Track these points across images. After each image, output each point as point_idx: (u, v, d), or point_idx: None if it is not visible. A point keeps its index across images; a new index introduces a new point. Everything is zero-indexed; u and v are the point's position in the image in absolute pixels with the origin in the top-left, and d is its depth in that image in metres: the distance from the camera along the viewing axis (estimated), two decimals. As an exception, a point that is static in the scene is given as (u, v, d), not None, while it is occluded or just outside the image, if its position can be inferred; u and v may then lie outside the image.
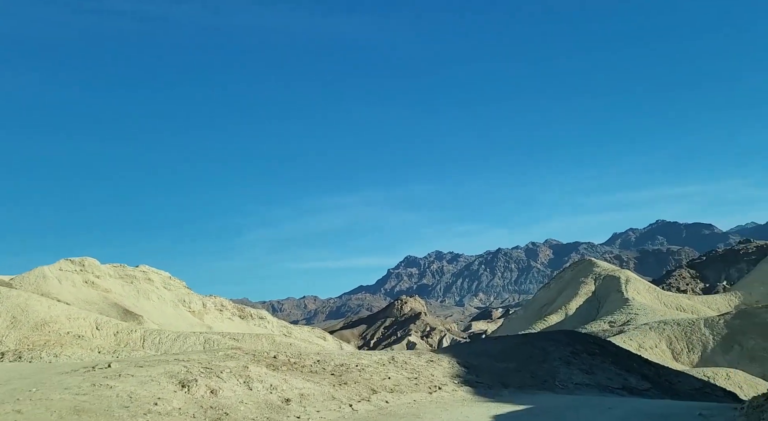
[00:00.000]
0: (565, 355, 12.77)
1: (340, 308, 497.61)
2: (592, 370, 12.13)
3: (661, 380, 13.68)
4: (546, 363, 12.10)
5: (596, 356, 13.44)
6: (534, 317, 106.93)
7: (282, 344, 66.38)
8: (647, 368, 14.35)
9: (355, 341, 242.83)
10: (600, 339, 15.32)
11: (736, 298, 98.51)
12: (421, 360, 10.94)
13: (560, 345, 13.36)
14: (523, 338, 13.77)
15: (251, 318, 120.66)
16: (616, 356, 14.16)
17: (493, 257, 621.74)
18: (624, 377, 12.49)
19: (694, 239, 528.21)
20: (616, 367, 12.94)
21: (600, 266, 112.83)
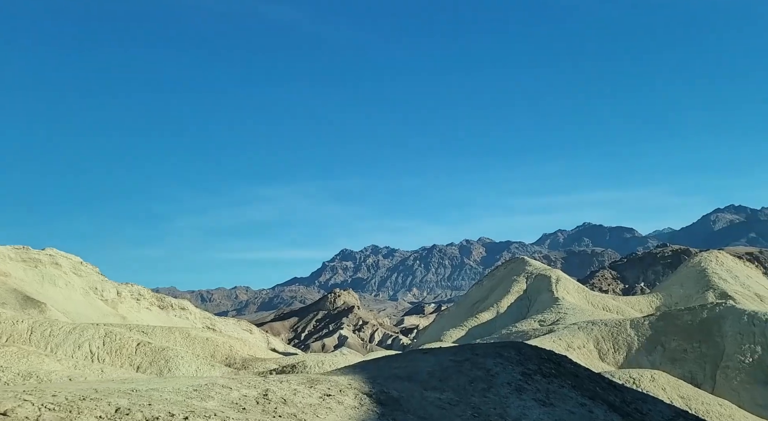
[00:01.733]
0: (516, 378, 9.81)
1: (272, 299, 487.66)
2: (549, 399, 9.28)
3: (631, 410, 11.00)
4: (492, 391, 9.07)
5: (553, 377, 10.59)
6: (466, 314, 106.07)
7: (197, 339, 61.08)
8: (612, 392, 11.71)
9: (286, 333, 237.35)
10: (555, 355, 12.65)
11: (657, 299, 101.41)
12: (313, 395, 7.57)
13: (509, 364, 10.45)
14: (462, 352, 10.79)
15: (171, 309, 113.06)
16: (576, 376, 11.47)
17: (428, 253, 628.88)
18: (589, 409, 9.63)
19: (617, 241, 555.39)
20: (577, 393, 10.17)
21: (532, 265, 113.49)
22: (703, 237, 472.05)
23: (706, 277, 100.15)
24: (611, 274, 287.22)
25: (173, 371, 46.81)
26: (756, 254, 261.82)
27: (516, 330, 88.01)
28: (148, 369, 46.29)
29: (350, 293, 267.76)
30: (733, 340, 65.83)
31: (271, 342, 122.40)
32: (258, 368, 55.34)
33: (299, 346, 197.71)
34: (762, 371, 61.55)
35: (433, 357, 10.54)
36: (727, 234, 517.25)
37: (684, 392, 56.24)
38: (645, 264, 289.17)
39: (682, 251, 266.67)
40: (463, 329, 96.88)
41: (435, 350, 11.60)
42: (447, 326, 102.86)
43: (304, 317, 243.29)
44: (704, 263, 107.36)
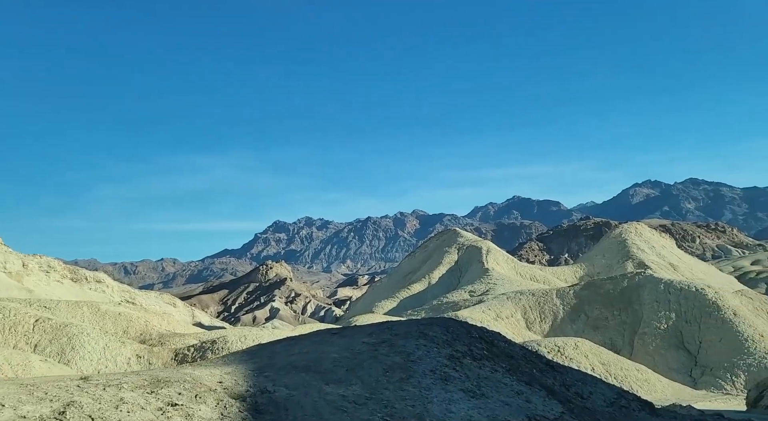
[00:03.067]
0: (441, 364, 7.98)
1: (201, 272, 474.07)
2: (481, 389, 7.58)
3: (571, 395, 9.55)
4: (412, 382, 7.18)
5: (485, 360, 8.93)
6: (398, 285, 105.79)
7: (108, 313, 56.73)
8: (551, 374, 10.25)
9: (215, 306, 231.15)
10: (487, 332, 11.07)
11: (581, 270, 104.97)
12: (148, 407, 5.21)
13: (434, 346, 8.65)
14: (379, 333, 8.90)
15: (86, 281, 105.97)
16: (511, 358, 9.90)
17: (363, 225, 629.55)
18: (526, 398, 8.01)
19: (544, 214, 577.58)
20: (512, 378, 8.57)
21: (464, 237, 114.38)
22: (623, 210, 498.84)
23: (626, 248, 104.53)
24: (538, 245, 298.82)
25: (77, 349, 42.89)
26: (668, 226, 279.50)
27: (447, 301, 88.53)
28: (47, 348, 42.11)
29: (283, 265, 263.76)
30: (650, 307, 68.78)
31: (197, 316, 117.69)
32: (176, 344, 52.05)
33: (229, 319, 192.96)
34: (675, 336, 64.70)
35: (344, 340, 8.59)
36: (644, 207, 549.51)
37: (605, 358, 58.12)
38: (569, 236, 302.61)
39: (604, 224, 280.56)
40: (395, 301, 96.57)
41: (347, 331, 9.66)
42: (379, 297, 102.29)
43: (235, 290, 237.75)
44: (624, 234, 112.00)
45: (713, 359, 59.64)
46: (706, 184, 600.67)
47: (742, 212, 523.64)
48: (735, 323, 61.72)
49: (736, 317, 62.59)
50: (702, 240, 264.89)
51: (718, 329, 61.80)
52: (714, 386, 54.75)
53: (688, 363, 61.07)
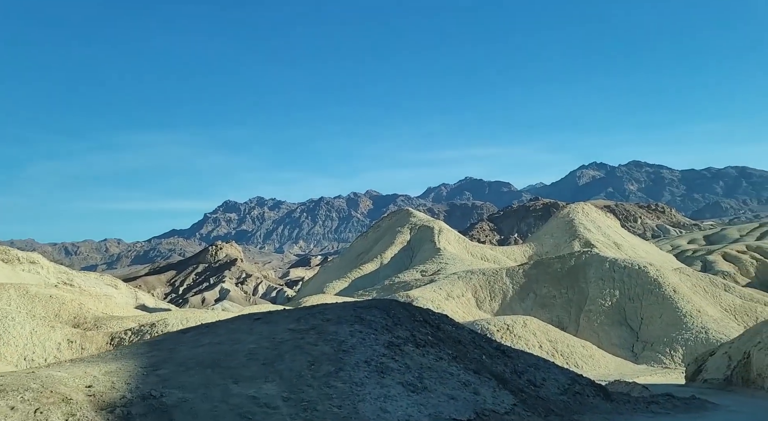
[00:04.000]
0: (379, 353, 6.94)
1: (148, 252, 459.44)
2: (423, 380, 6.56)
3: (523, 383, 8.68)
4: (342, 376, 6.08)
5: (429, 347, 7.93)
6: (350, 265, 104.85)
7: (39, 296, 53.29)
8: (501, 360, 9.36)
9: (162, 288, 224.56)
10: (432, 315, 10.09)
11: (530, 249, 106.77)
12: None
13: (371, 332, 7.58)
14: (308, 318, 7.71)
15: (18, 262, 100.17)
16: (458, 343, 8.96)
17: (315, 206, 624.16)
18: (474, 389, 7.04)
19: (495, 195, 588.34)
20: (459, 367, 7.59)
21: (416, 216, 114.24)
22: (570, 191, 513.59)
23: (573, 227, 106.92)
24: (489, 226, 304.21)
25: (1, 335, 39.95)
26: (613, 207, 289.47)
27: (399, 281, 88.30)
28: (-34, 335, 39.02)
29: (233, 246, 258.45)
30: (596, 285, 70.49)
31: (141, 298, 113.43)
32: (113, 328, 49.46)
33: (177, 301, 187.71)
34: (619, 313, 66.60)
35: (266, 327, 7.41)
36: (590, 189, 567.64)
37: (552, 336, 59.14)
38: (519, 216, 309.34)
39: (552, 204, 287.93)
40: (347, 281, 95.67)
41: (272, 316, 8.41)
42: (330, 277, 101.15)
43: (183, 271, 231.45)
44: (572, 214, 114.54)
45: (654, 334, 61.74)
46: (648, 167, 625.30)
47: (680, 193, 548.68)
48: (674, 299, 63.97)
49: (676, 294, 64.88)
50: (643, 220, 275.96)
51: (659, 306, 63.93)
52: (654, 361, 56.67)
53: (630, 339, 63.03)
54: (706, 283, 73.51)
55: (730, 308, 65.68)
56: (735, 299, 68.48)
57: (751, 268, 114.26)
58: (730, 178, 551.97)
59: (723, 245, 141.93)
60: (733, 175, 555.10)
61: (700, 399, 16.28)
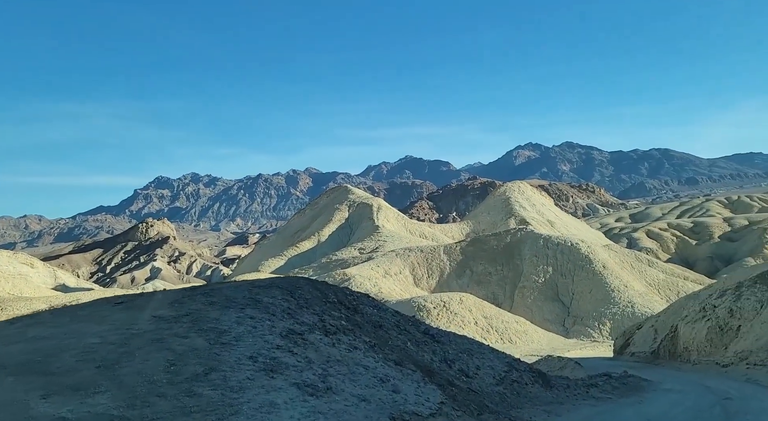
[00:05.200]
0: (271, 345, 5.37)
1: (73, 230, 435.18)
2: (328, 379, 5.09)
3: (454, 373, 7.43)
4: (212, 377, 4.48)
5: (342, 334, 6.47)
6: (286, 243, 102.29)
7: (-69, 279, 48.53)
8: (429, 347, 8.06)
9: (88, 267, 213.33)
10: (350, 295, 8.67)
11: (467, 227, 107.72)
12: None
13: (266, 318, 6.03)
14: (186, 299, 6.10)
15: None
16: (379, 327, 7.59)
17: (253, 183, 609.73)
18: (393, 386, 5.66)
19: (435, 174, 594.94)
20: (378, 357, 6.22)
21: (355, 194, 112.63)
22: (507, 171, 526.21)
23: (510, 205, 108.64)
24: (428, 204, 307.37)
25: None
26: (547, 186, 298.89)
27: (336, 258, 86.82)
28: None
29: (165, 223, 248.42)
30: (530, 262, 71.74)
31: (61, 278, 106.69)
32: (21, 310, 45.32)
33: (104, 281, 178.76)
34: (551, 289, 68.12)
35: (125, 313, 5.76)
36: (526, 168, 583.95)
37: (487, 312, 59.61)
38: (458, 195, 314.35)
39: (489, 184, 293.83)
40: (283, 259, 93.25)
41: (138, 299, 6.66)
42: (266, 255, 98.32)
43: (111, 249, 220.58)
44: (508, 192, 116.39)
45: (584, 309, 63.56)
46: (580, 148, 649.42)
47: (609, 174, 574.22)
48: (604, 275, 66.00)
49: (605, 270, 66.94)
50: (575, 199, 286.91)
51: (589, 281, 65.81)
52: (584, 335, 58.32)
53: (562, 314, 64.65)
54: (632, 259, 76.41)
55: (654, 282, 68.53)
56: (658, 274, 71.54)
57: (672, 244, 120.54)
58: (654, 160, 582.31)
59: (647, 222, 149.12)
60: (657, 157, 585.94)
61: (634, 377, 15.80)
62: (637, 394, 11.83)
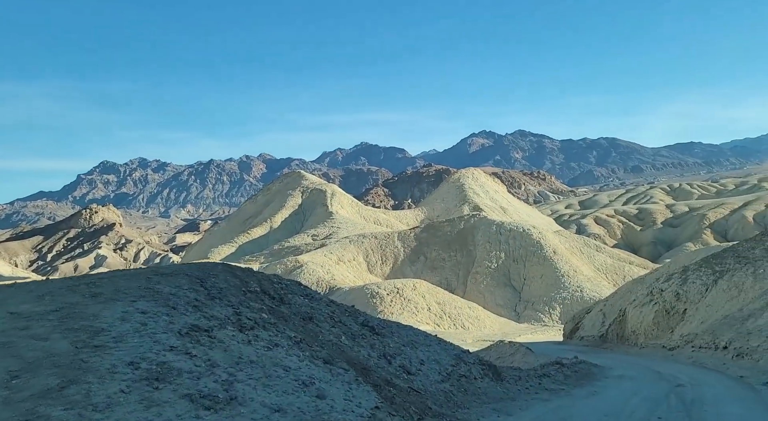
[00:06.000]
0: (162, 347, 4.26)
1: (11, 216, 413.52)
2: (233, 386, 4.11)
3: (394, 370, 6.57)
4: (69, 393, 3.40)
5: (260, 329, 5.44)
6: (237, 229, 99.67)
7: None
8: (368, 340, 7.17)
9: (27, 255, 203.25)
10: (277, 282, 7.67)
11: (422, 213, 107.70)
12: None
13: (164, 311, 4.94)
14: (64, 289, 5.00)
15: None
16: (309, 319, 6.63)
17: (205, 168, 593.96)
18: (318, 391, 4.70)
19: (390, 161, 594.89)
20: (302, 355, 5.24)
21: (308, 180, 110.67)
22: (461, 158, 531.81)
23: (463, 192, 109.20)
24: (384, 191, 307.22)
25: None
26: (500, 173, 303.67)
27: (288, 245, 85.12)
28: None
29: (110, 209, 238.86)
30: (483, 248, 72.21)
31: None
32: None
33: (44, 269, 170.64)
34: (504, 274, 68.79)
35: None
36: (480, 156, 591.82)
37: (440, 298, 59.58)
38: (413, 182, 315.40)
39: (444, 171, 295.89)
40: (233, 246, 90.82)
41: (3, 291, 5.53)
42: (216, 242, 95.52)
43: (52, 236, 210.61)
44: (462, 179, 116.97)
45: (535, 294, 64.52)
46: (532, 136, 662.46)
47: (559, 162, 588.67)
48: (554, 260, 67.10)
49: (556, 255, 68.06)
50: (527, 186, 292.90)
51: (540, 266, 66.79)
52: (534, 319, 59.17)
53: (513, 299, 65.44)
54: (581, 244, 78.09)
55: (602, 267, 70.22)
56: (606, 259, 73.36)
57: (618, 230, 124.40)
58: (601, 149, 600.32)
59: (595, 209, 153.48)
60: (605, 146, 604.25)
61: (585, 363, 15.45)
62: (589, 383, 11.37)
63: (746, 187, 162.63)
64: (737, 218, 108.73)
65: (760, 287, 21.49)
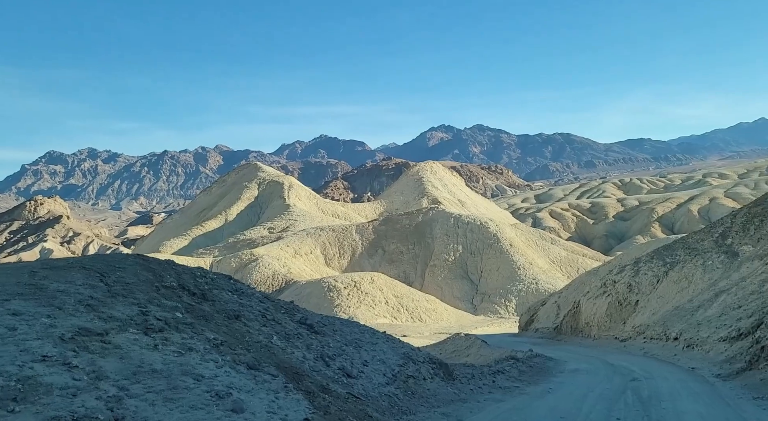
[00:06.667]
0: (36, 354, 3.42)
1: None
2: (122, 402, 3.28)
3: (332, 374, 5.86)
4: None
5: (171, 332, 4.62)
6: (191, 222, 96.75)
7: None
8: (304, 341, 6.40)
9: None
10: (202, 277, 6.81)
11: (381, 206, 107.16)
12: None
13: (47, 312, 4.10)
14: None
15: None
16: (235, 318, 5.81)
17: (159, 160, 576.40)
18: (234, 403, 3.96)
19: (350, 154, 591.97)
20: (222, 360, 4.47)
21: (265, 171, 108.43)
22: (420, 152, 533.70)
23: (422, 185, 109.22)
24: (343, 184, 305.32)
25: None
26: (458, 167, 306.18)
27: (244, 238, 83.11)
28: None
29: (57, 201, 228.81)
30: (441, 241, 72.26)
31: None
32: None
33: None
34: (461, 267, 69.02)
35: None
36: (439, 150, 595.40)
37: (398, 291, 59.20)
38: (372, 175, 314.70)
39: (403, 164, 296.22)
40: (187, 239, 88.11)
41: None
42: (168, 235, 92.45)
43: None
44: (421, 172, 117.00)
45: (491, 286, 65.00)
46: (490, 131, 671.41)
47: (516, 157, 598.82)
48: (510, 253, 67.73)
49: (512, 248, 68.71)
50: (484, 180, 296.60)
51: (497, 259, 67.30)
52: (491, 312, 59.59)
53: (470, 291, 65.76)
54: (537, 237, 79.20)
55: (557, 259, 71.37)
56: (560, 251, 74.62)
57: (572, 223, 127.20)
58: (557, 144, 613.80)
59: (550, 203, 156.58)
60: (560, 141, 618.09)
61: (540, 356, 15.14)
62: (544, 379, 10.98)
63: (692, 183, 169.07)
64: (683, 211, 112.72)
65: (709, 278, 21.80)
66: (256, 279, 60.50)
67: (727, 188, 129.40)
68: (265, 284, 60.24)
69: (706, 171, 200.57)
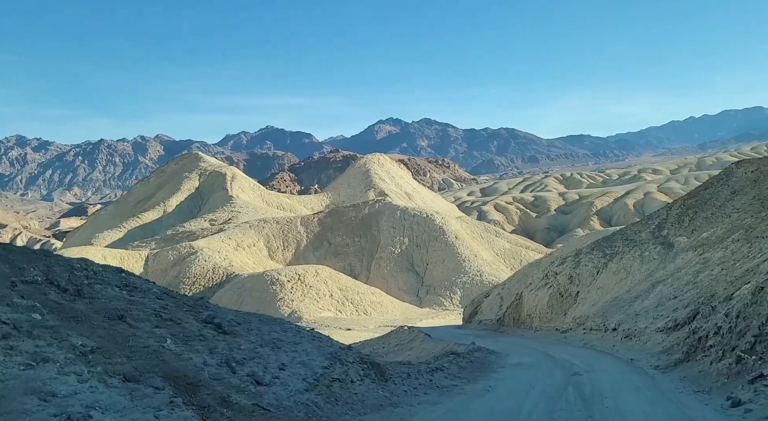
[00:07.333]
0: None
1: None
2: None
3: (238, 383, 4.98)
4: None
5: (22, 338, 3.68)
6: (127, 213, 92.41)
7: None
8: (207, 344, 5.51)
9: None
10: (79, 268, 5.85)
11: (327, 198, 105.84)
12: None
13: None
14: None
15: None
16: (119, 318, 4.88)
17: (94, 149, 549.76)
18: None
19: (297, 146, 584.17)
20: (92, 370, 3.61)
21: (206, 162, 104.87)
22: (368, 145, 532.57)
23: (369, 177, 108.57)
24: (290, 176, 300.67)
25: None
26: (406, 160, 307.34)
27: (183, 230, 79.99)
28: None
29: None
30: (387, 233, 71.87)
31: None
32: None
33: None
34: (407, 259, 68.90)
35: None
36: (387, 143, 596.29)
37: (343, 284, 58.34)
38: (320, 167, 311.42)
39: (351, 157, 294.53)
40: (121, 231, 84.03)
41: None
42: (102, 227, 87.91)
43: None
44: (368, 164, 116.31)
45: (436, 278, 65.19)
46: (437, 125, 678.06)
47: (463, 151, 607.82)
48: (456, 245, 68.13)
49: (458, 240, 69.14)
50: (431, 174, 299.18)
51: (443, 251, 67.56)
52: (436, 304, 59.74)
53: (416, 284, 65.75)
54: (482, 230, 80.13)
55: (501, 251, 72.40)
56: (504, 244, 75.78)
57: (516, 216, 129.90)
58: (502, 139, 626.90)
59: (494, 196, 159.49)
60: (505, 136, 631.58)
61: (482, 350, 14.72)
62: (485, 375, 10.49)
63: (628, 178, 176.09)
64: (620, 205, 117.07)
65: (647, 269, 22.12)
66: (196, 273, 58.26)
67: (660, 183, 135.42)
68: (205, 278, 58.08)
69: (641, 167, 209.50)
